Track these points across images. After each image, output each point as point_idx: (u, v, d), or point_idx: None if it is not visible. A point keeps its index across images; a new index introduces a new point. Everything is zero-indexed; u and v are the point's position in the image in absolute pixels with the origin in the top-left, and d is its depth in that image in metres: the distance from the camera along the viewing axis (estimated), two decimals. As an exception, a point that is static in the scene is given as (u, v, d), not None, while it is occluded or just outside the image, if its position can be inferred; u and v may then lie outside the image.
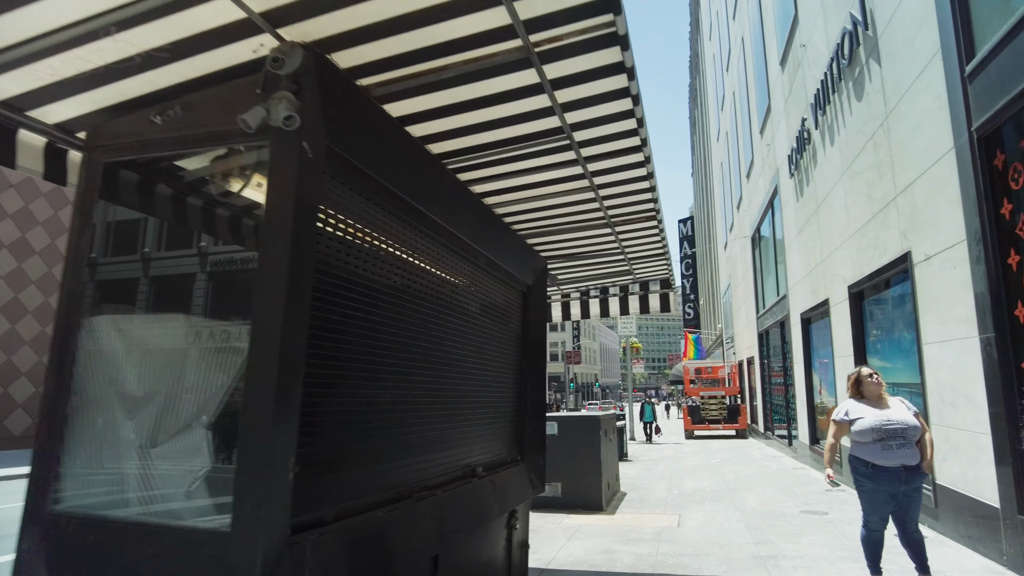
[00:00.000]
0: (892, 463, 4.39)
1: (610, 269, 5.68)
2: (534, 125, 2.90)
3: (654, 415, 21.01)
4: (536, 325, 4.88)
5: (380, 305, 2.70)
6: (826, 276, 10.77)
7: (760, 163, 18.07)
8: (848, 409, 4.68)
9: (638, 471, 12.88)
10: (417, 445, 3.04)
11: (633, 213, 4.28)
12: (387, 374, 2.76)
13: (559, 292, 6.38)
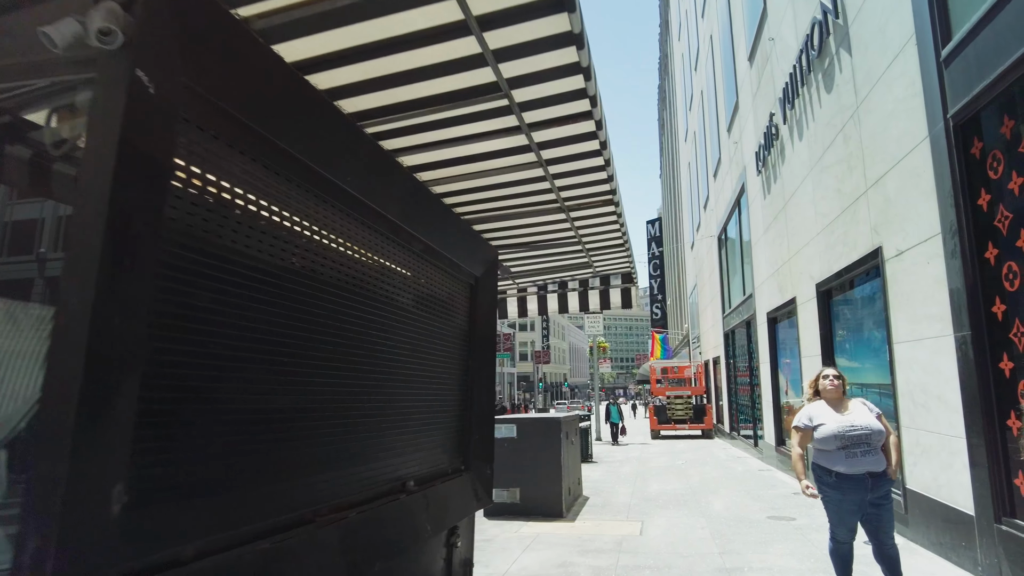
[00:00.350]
0: (857, 471, 4.08)
1: (568, 261, 5.26)
2: (465, 79, 2.44)
3: (620, 416, 20.25)
4: (485, 320, 4.43)
5: (272, 291, 2.22)
6: (793, 274, 10.55)
7: (727, 162, 17.93)
8: (811, 414, 4.36)
9: (602, 473, 12.54)
10: (326, 459, 2.57)
11: (588, 196, 3.86)
12: (282, 375, 2.28)
13: (515, 286, 5.94)
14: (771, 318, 12.76)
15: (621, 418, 20.28)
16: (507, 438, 8.28)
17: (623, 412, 21.60)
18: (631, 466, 13.86)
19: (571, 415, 9.56)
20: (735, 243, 17.56)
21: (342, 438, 2.70)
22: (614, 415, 19.93)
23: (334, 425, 2.63)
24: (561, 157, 3.29)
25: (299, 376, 2.39)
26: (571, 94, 2.66)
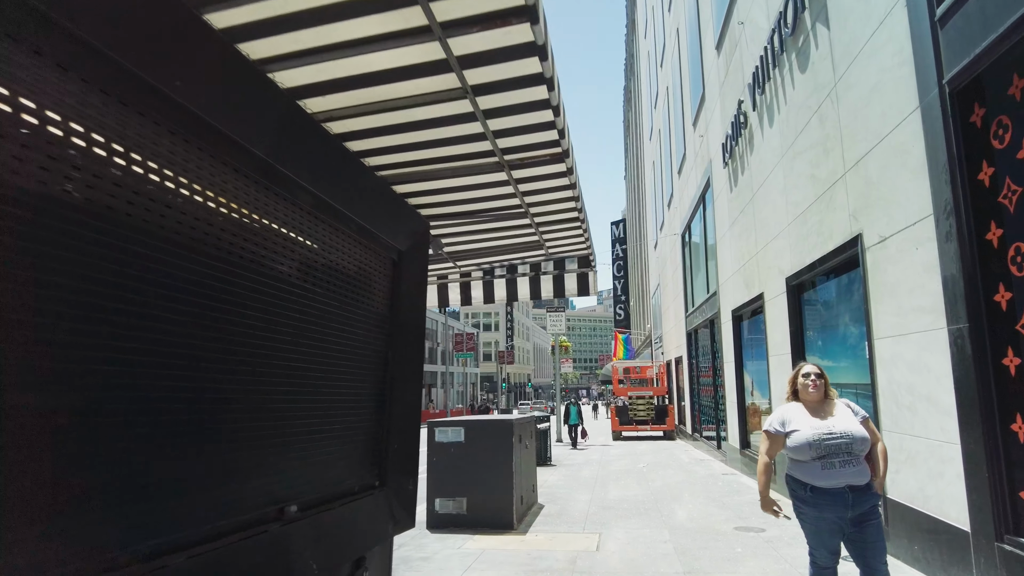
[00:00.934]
0: (835, 484, 3.46)
1: (516, 238, 4.53)
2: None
3: (579, 417, 18.62)
4: (411, 304, 3.67)
5: (72, 243, 1.43)
6: (761, 269, 10.04)
7: (692, 156, 17.49)
8: (784, 418, 3.72)
9: (560, 477, 11.86)
10: (157, 485, 1.79)
11: (533, 147, 3.13)
12: (74, 368, 1.49)
13: (456, 270, 5.18)
14: (736, 316, 12.28)
15: (580, 419, 18.77)
16: (454, 443, 7.52)
17: (583, 413, 19.28)
18: (591, 469, 13.23)
19: (526, 416, 8.83)
20: (699, 240, 17.12)
21: (188, 455, 1.92)
22: (572, 416, 18.37)
23: (174, 437, 1.85)
24: (502, 107, 2.57)
25: (111, 368, 1.61)
26: (508, 11, 1.93)
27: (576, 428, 18.57)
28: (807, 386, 3.69)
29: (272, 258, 2.44)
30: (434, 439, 7.58)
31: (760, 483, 3.73)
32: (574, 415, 18.37)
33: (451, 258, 4.74)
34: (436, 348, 60.89)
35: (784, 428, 3.66)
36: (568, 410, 18.71)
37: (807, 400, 3.69)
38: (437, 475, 7.53)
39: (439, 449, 7.55)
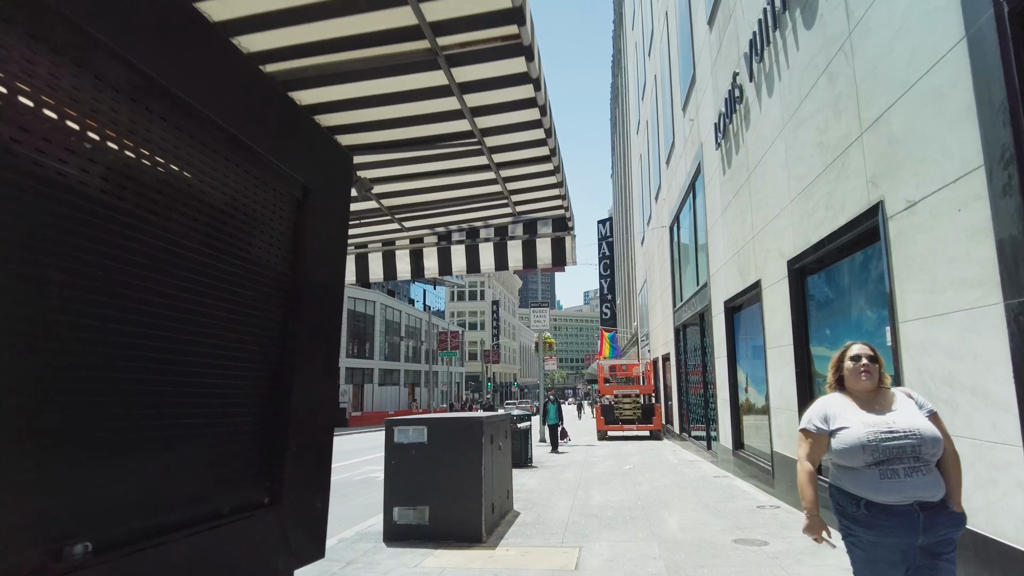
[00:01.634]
0: (899, 499, 2.60)
1: (473, 189, 3.63)
2: None
3: (559, 417, 16.56)
4: (324, 261, 2.75)
5: None
6: (758, 254, 9.22)
7: (682, 143, 16.70)
8: (827, 412, 2.87)
9: (541, 480, 10.97)
10: None
11: (487, 52, 2.24)
12: None
13: (404, 234, 4.28)
14: (729, 307, 11.46)
15: (560, 419, 16.76)
16: (415, 443, 6.61)
17: (563, 413, 17.29)
18: (574, 471, 12.36)
19: (499, 414, 7.94)
20: (688, 231, 16.32)
21: None
22: (551, 415, 16.26)
23: None
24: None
25: None
26: None
27: (556, 429, 16.66)
28: (857, 372, 2.83)
29: (91, 172, 1.53)
30: (392, 439, 6.67)
31: (806, 498, 2.87)
32: (552, 414, 16.38)
33: (392, 214, 3.83)
34: (420, 347, 59.86)
35: (828, 425, 2.81)
36: (546, 409, 16.66)
37: (857, 390, 2.85)
38: (396, 480, 6.62)
39: (398, 451, 6.64)
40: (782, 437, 8.30)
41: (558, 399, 17.84)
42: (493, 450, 7.07)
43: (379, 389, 49.10)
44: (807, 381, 7.42)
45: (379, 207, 3.71)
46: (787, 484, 8.10)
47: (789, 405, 7.86)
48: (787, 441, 8.07)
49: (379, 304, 49.20)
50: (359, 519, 7.98)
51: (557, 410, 16.41)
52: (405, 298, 61.35)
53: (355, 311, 45.84)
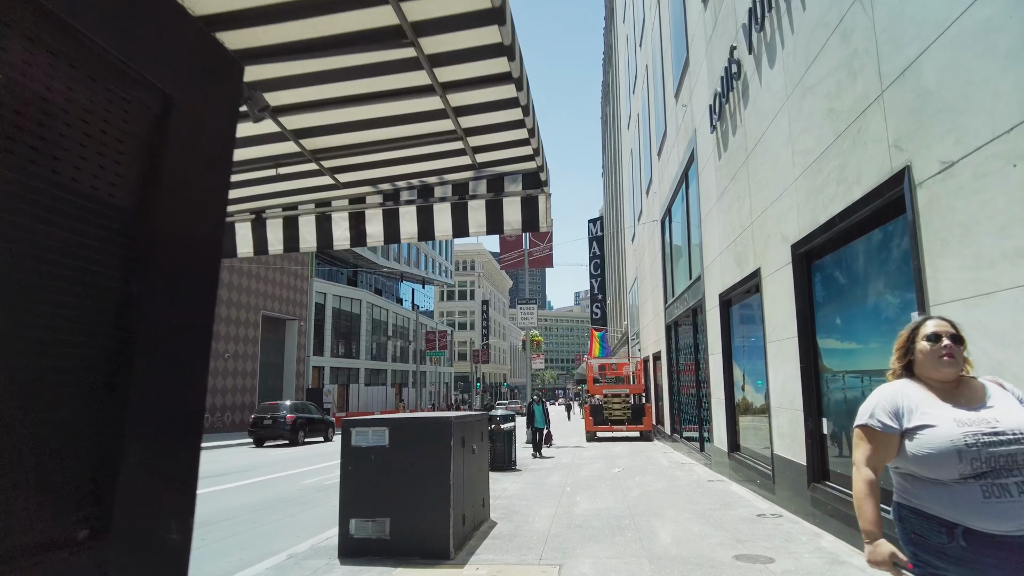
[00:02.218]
0: (1015, 527, 1.86)
1: (420, 126, 2.87)
2: None
3: (546, 419, 15.25)
4: (192, 201, 1.96)
5: None
6: (758, 241, 8.52)
7: (674, 133, 16.02)
8: (899, 404, 2.13)
9: (523, 485, 10.22)
10: None
11: None
12: None
13: (342, 195, 3.51)
14: (725, 300, 10.77)
15: (547, 422, 15.48)
16: (375, 447, 5.84)
17: (550, 415, 16.00)
18: (560, 475, 11.62)
19: (473, 414, 7.17)
20: (681, 224, 15.63)
21: None
22: (538, 418, 14.89)
23: None
24: None
25: None
26: None
27: (540, 433, 15.16)
28: (937, 356, 2.11)
29: None
30: (350, 442, 5.89)
31: (864, 516, 2.12)
32: (539, 417, 15.00)
33: (317, 160, 3.05)
34: (408, 346, 58.95)
35: (901, 422, 2.08)
36: (531, 411, 15.17)
37: (936, 378, 2.12)
38: (353, 488, 5.84)
39: (356, 456, 5.87)
40: (784, 439, 7.59)
41: (544, 400, 16.45)
42: (465, 454, 6.31)
43: (365, 389, 48.19)
44: (814, 377, 6.71)
45: (301, 151, 2.94)
46: (790, 490, 7.40)
47: (792, 404, 7.16)
48: (790, 443, 7.37)
49: (365, 303, 48.30)
50: (321, 528, 7.20)
51: (543, 412, 15.14)
52: (393, 297, 60.47)
53: (340, 309, 44.94)
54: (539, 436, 15.12)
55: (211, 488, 11.24)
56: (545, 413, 15.17)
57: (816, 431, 6.64)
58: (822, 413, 6.59)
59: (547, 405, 13.03)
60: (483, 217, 3.39)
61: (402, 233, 3.45)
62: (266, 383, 36.18)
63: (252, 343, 33.86)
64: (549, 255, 22.32)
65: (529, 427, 15.46)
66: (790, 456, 7.35)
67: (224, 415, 31.20)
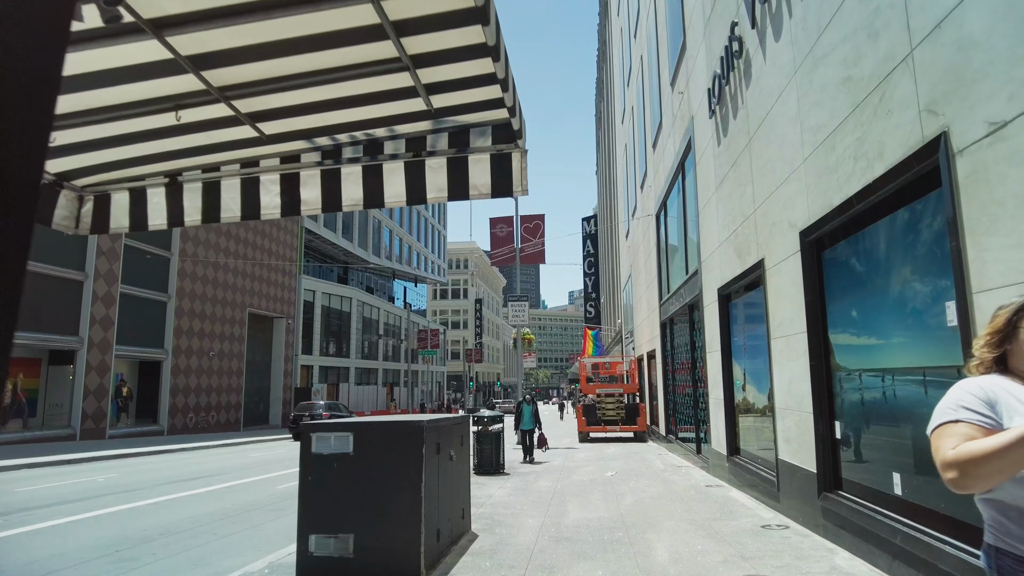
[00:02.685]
0: None
1: (353, 51, 2.22)
2: None
3: (536, 420, 13.50)
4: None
5: None
6: (761, 229, 7.92)
7: (670, 122, 15.42)
8: (995, 397, 1.52)
9: (510, 492, 9.60)
10: None
11: None
12: None
13: (273, 154, 2.87)
14: (724, 295, 10.17)
15: (537, 424, 13.62)
16: (338, 454, 5.21)
17: (540, 417, 14.38)
18: (549, 479, 11.00)
19: (449, 417, 6.53)
20: (677, 217, 15.04)
21: None
22: (526, 418, 13.27)
23: None
24: None
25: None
26: None
27: (530, 435, 13.35)
28: None
29: None
30: (310, 449, 5.26)
31: (1000, 440, 1.46)
32: (528, 418, 13.31)
33: (226, 99, 2.40)
34: (400, 345, 58.22)
35: (1001, 421, 1.47)
36: (520, 411, 13.50)
37: None
38: (313, 501, 5.20)
39: (317, 464, 5.23)
40: (790, 443, 7.00)
41: (535, 400, 14.58)
42: (440, 462, 5.69)
43: (356, 388, 47.47)
44: (825, 376, 6.11)
45: (205, 88, 2.30)
46: (797, 499, 6.81)
47: (801, 405, 6.56)
48: (797, 448, 6.77)
49: (356, 301, 47.57)
50: (285, 541, 6.56)
51: (533, 413, 13.50)
52: (385, 295, 59.76)
53: (330, 307, 44.20)
54: (528, 439, 13.43)
55: (182, 493, 10.57)
56: (535, 414, 13.55)
57: (828, 435, 6.05)
58: (835, 416, 5.99)
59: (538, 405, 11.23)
60: (444, 179, 2.76)
61: (344, 199, 2.82)
62: (253, 382, 35.45)
63: (238, 341, 33.12)
64: (541, 251, 21.70)
65: (517, 429, 13.86)
66: (797, 462, 6.75)
67: (209, 415, 30.46)
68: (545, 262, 21.64)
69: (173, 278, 28.24)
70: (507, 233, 22.32)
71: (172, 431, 27.54)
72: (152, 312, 27.18)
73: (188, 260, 29.21)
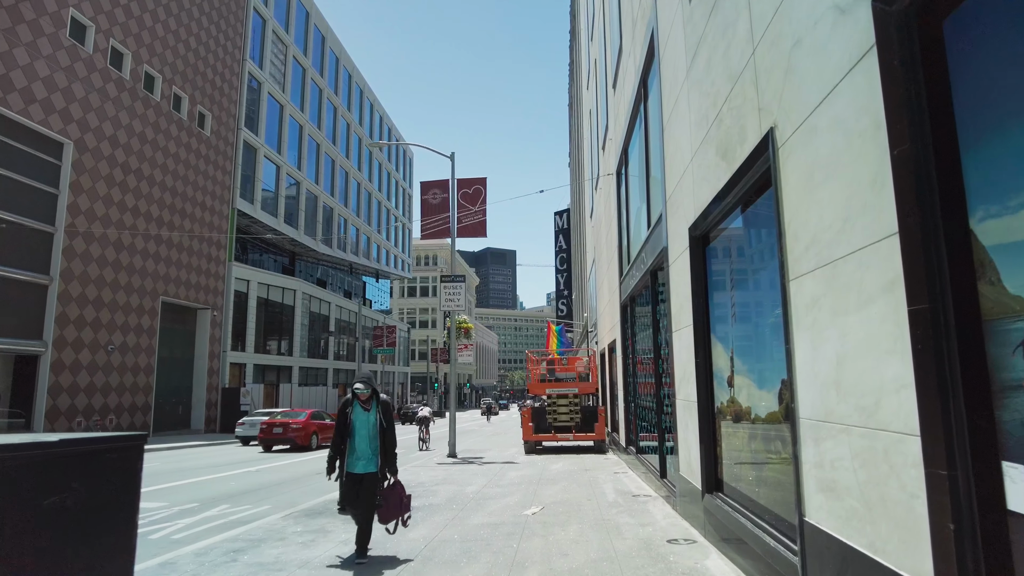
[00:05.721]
0: None
1: None
2: None
3: (383, 441, 5.78)
4: None
5: None
6: (768, 78, 4.16)
7: (629, 39, 11.69)
8: None
9: (336, 547, 5.67)
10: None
11: None
12: None
13: None
14: (699, 235, 6.43)
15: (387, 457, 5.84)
16: None
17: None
18: (436, 522, 7.12)
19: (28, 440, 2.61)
20: (638, 159, 11.26)
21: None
22: (359, 444, 5.73)
23: None
24: None
25: None
26: None
27: (368, 486, 5.71)
28: None
29: None
30: None
31: None
32: (363, 441, 5.76)
33: None
34: (355, 343, 53.81)
35: None
36: (342, 422, 5.83)
37: None
38: None
39: None
40: (838, 496, 3.21)
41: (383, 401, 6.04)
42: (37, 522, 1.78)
43: (300, 390, 43.12)
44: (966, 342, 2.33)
45: None
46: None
47: (872, 413, 2.79)
48: (856, 510, 3.00)
49: (301, 293, 43.25)
50: None
51: (380, 429, 5.81)
52: (341, 290, 55.45)
53: (269, 300, 39.86)
54: (361, 496, 5.66)
55: None
56: (383, 431, 5.79)
57: (968, 497, 2.26)
58: (997, 446, 2.21)
59: (392, 409, 6.05)
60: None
61: None
62: (170, 381, 31.02)
63: (148, 334, 28.69)
64: (482, 221, 17.85)
65: (332, 468, 5.81)
66: (860, 545, 2.97)
67: (106, 418, 26.00)
68: (486, 235, 17.80)
69: (57, 257, 23.81)
70: (441, 200, 18.45)
71: (51, 439, 23.09)
72: (26, 297, 22.76)
73: (79, 237, 24.80)
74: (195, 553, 6.04)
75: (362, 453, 5.75)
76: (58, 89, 23.85)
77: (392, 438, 5.88)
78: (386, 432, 5.81)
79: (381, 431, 5.81)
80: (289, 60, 43.09)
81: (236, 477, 13.28)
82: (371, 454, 5.77)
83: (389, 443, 5.82)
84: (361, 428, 5.79)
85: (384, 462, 5.81)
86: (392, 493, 5.82)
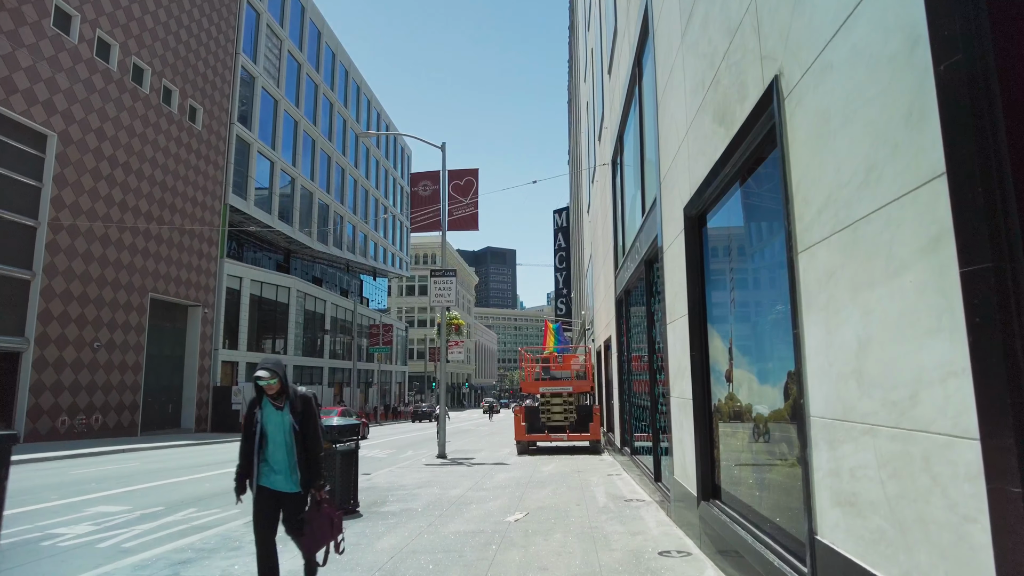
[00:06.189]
0: None
1: None
2: None
3: (307, 462, 4.33)
4: None
5: None
6: (772, 20, 3.55)
7: (624, 21, 11.08)
8: None
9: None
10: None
11: None
12: None
13: None
14: (695, 215, 5.82)
15: (312, 469, 4.37)
16: None
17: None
18: (410, 528, 6.52)
19: None
20: (633, 145, 10.65)
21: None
22: (275, 455, 4.30)
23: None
24: None
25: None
26: None
27: (290, 509, 4.36)
28: None
29: None
30: None
31: None
32: (279, 451, 4.32)
33: None
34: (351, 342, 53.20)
35: None
36: (255, 429, 4.30)
37: None
38: None
39: None
40: (860, 513, 2.61)
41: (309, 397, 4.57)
42: None
43: (294, 388, 42.43)
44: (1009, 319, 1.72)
45: None
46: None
47: (907, 410, 2.19)
48: (886, 531, 2.40)
49: (295, 291, 42.66)
50: None
51: (296, 434, 4.32)
52: (337, 288, 54.85)
53: (262, 297, 39.28)
54: (267, 505, 4.33)
55: None
56: (310, 433, 4.37)
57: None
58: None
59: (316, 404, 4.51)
60: None
61: None
62: (159, 380, 30.42)
63: (136, 331, 28.09)
64: (473, 214, 17.25)
65: (238, 483, 4.37)
66: (891, 574, 2.37)
67: (92, 417, 25.41)
68: (477, 228, 17.20)
69: (40, 252, 23.22)
70: (432, 192, 17.84)
71: (33, 437, 22.51)
72: (7, 292, 22.17)
73: (64, 232, 24.21)
74: (133, 567, 5.43)
75: (278, 465, 4.31)
76: (41, 80, 23.24)
77: (315, 443, 4.38)
78: (306, 438, 4.33)
79: (297, 437, 4.31)
80: (284, 54, 42.47)
81: (213, 479, 12.67)
82: (289, 468, 4.33)
83: (311, 449, 4.37)
84: (275, 433, 4.31)
85: (307, 476, 4.36)
86: (318, 515, 4.34)
